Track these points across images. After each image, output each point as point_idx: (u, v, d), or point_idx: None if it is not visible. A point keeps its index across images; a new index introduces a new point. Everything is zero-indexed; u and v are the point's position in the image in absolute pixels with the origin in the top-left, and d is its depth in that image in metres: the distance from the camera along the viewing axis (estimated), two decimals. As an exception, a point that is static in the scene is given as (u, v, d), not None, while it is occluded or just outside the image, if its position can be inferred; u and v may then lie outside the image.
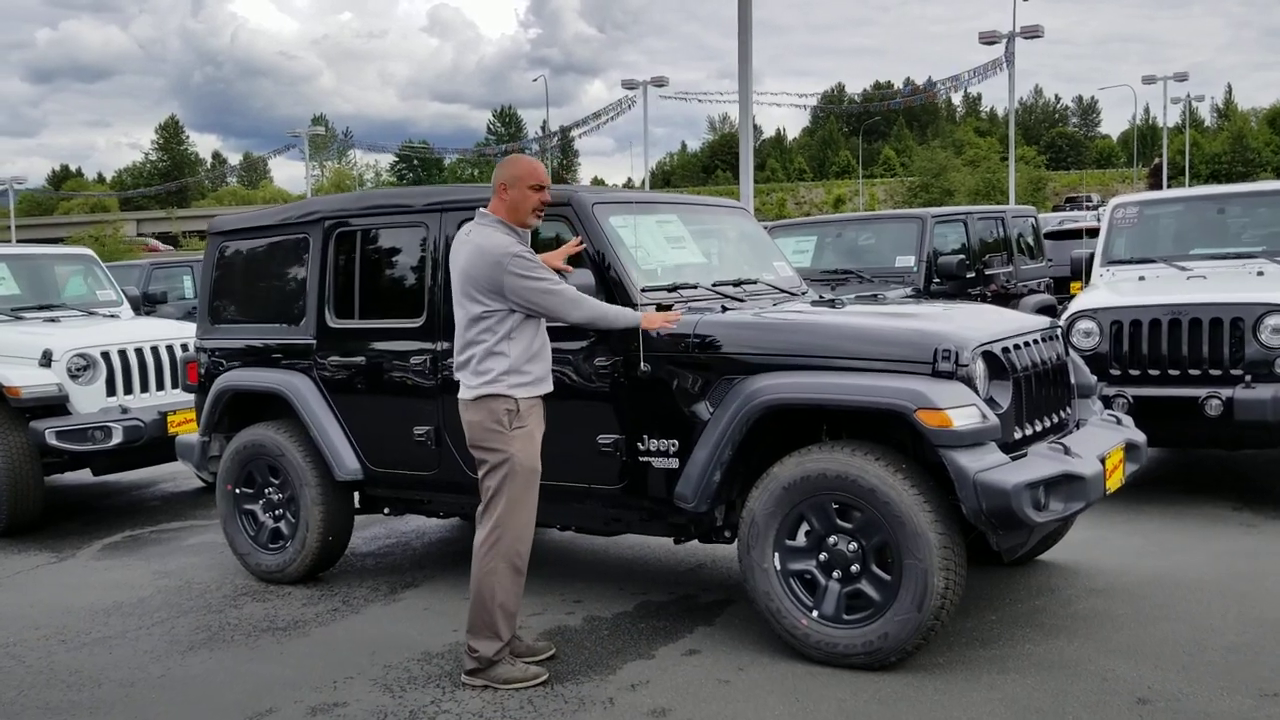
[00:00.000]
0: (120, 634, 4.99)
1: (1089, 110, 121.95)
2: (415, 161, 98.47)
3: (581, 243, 4.67)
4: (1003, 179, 48.32)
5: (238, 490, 5.72)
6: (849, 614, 4.08)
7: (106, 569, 6.18)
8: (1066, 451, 4.16)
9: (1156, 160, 65.02)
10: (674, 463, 4.49)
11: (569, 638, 4.61)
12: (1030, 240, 11.21)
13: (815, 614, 4.13)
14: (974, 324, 4.41)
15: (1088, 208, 40.96)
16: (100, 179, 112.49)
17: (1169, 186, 50.58)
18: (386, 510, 5.65)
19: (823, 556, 4.13)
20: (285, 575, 5.57)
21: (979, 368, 4.10)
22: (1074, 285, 12.52)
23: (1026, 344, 4.45)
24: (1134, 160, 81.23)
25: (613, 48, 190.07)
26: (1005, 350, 4.27)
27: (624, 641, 4.54)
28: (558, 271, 4.44)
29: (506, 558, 4.10)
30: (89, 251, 9.20)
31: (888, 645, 3.98)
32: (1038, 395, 4.43)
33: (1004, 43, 35.92)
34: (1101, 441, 4.49)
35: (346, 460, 5.33)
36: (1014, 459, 4.02)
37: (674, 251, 5.21)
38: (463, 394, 4.16)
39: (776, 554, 4.19)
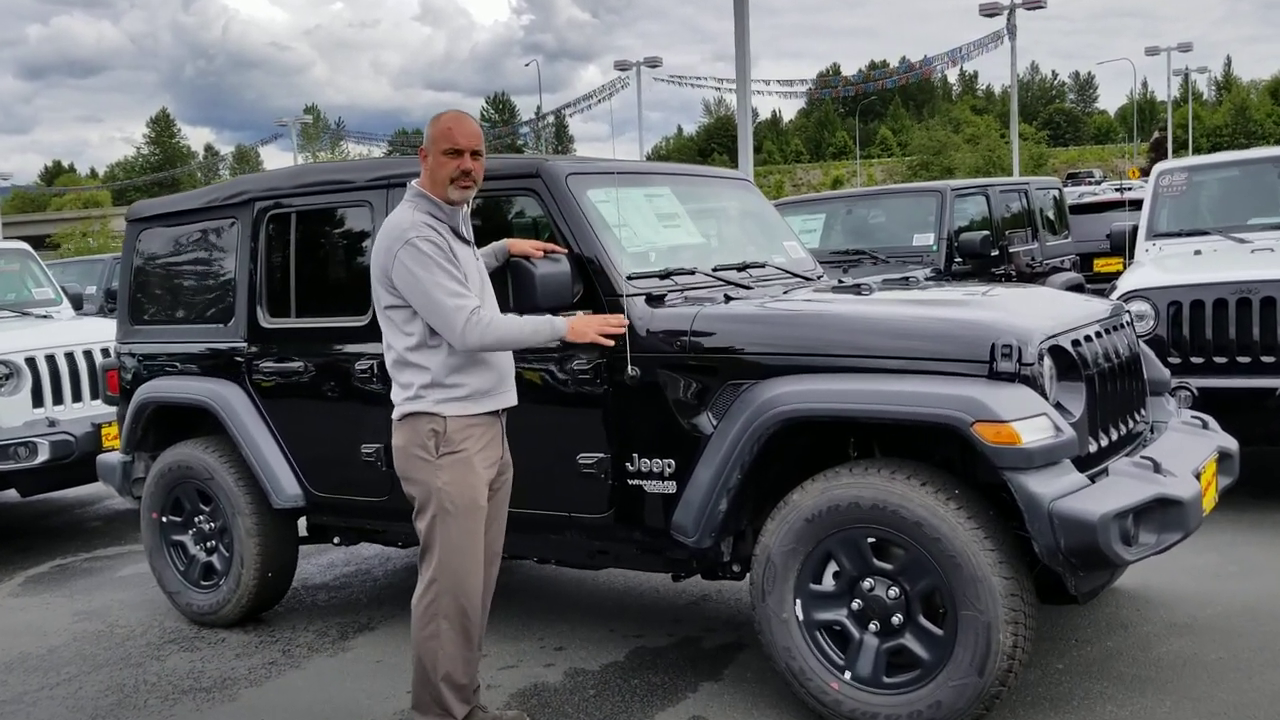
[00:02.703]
0: (17, 697, 4.20)
1: (1086, 86, 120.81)
2: (408, 151, 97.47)
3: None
4: (1003, 156, 47.45)
5: (164, 519, 4.92)
6: (891, 676, 3.28)
7: (23, 608, 5.38)
8: (1156, 468, 3.35)
9: (1156, 134, 64.09)
10: (670, 486, 3.68)
11: (546, 701, 3.81)
12: (1052, 214, 10.38)
13: (848, 675, 3.32)
14: (1032, 311, 3.60)
15: (1088, 183, 40.12)
16: (93, 174, 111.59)
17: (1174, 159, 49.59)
18: (337, 540, 4.84)
19: (856, 604, 3.32)
20: (220, 617, 4.77)
21: (1046, 366, 3.29)
22: (1099, 262, 11.76)
23: (1097, 334, 3.64)
24: (1133, 135, 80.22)
25: (606, 32, 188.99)
26: (1075, 343, 3.46)
27: (614, 705, 3.74)
28: (525, 259, 3.63)
29: (449, 618, 3.29)
30: (25, 246, 8.37)
31: (941, 716, 3.17)
32: (1111, 397, 3.62)
33: (1005, 15, 35.02)
34: (1192, 452, 3.67)
35: (285, 484, 4.52)
36: (1093, 480, 3.22)
37: (666, 231, 4.39)
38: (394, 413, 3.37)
39: (798, 601, 3.39)
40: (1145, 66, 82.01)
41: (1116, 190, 18.29)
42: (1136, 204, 7.56)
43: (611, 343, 3.48)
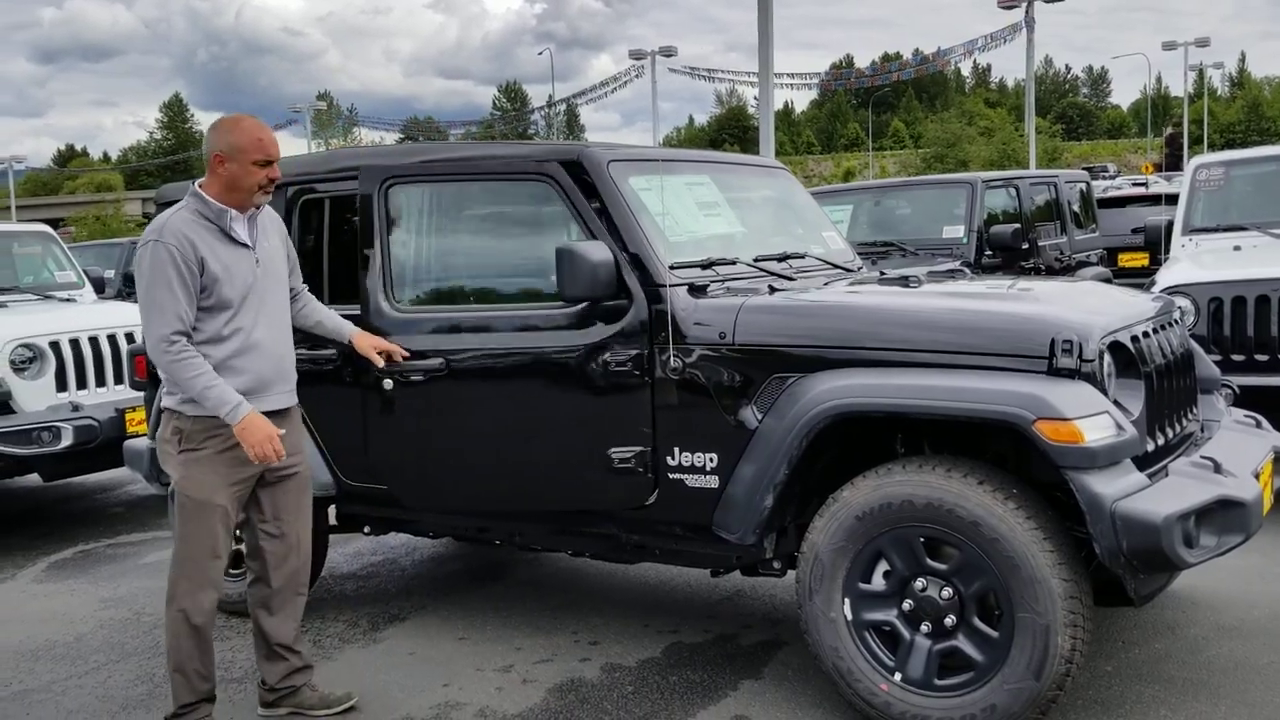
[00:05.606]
0: (46, 686, 4.15)
1: (1099, 80, 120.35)
2: (420, 138, 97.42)
3: (407, 357, 3.90)
4: (1018, 149, 47.19)
5: (192, 506, 4.85)
6: (943, 678, 3.20)
7: (47, 595, 5.34)
8: (1217, 468, 3.27)
9: (1170, 130, 63.67)
10: (712, 481, 3.61)
11: (585, 696, 3.74)
12: (1079, 208, 10.27)
13: (898, 677, 3.25)
14: (1089, 306, 3.52)
15: (1104, 177, 39.90)
16: (106, 158, 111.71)
17: (1188, 155, 49.32)
18: (367, 529, 4.77)
19: (907, 605, 3.25)
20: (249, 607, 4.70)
21: (1106, 363, 3.21)
22: (1123, 256, 11.65)
23: (1154, 330, 3.56)
24: (1146, 130, 79.84)
25: (619, 21, 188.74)
26: (1134, 339, 3.38)
27: (654, 702, 3.68)
28: (573, 245, 3.57)
29: (184, 606, 3.41)
30: (47, 229, 8.32)
31: (994, 720, 3.11)
32: (1167, 395, 3.54)
33: (1024, 7, 34.86)
34: (1250, 452, 3.59)
35: (315, 473, 4.43)
36: (1152, 480, 3.14)
37: (707, 220, 4.32)
38: None
39: (847, 600, 3.31)
40: (1159, 61, 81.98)
41: (1134, 185, 18.16)
42: (1161, 199, 7.45)
43: (259, 463, 3.34)
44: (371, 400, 4.16)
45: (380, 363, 3.89)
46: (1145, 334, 3.46)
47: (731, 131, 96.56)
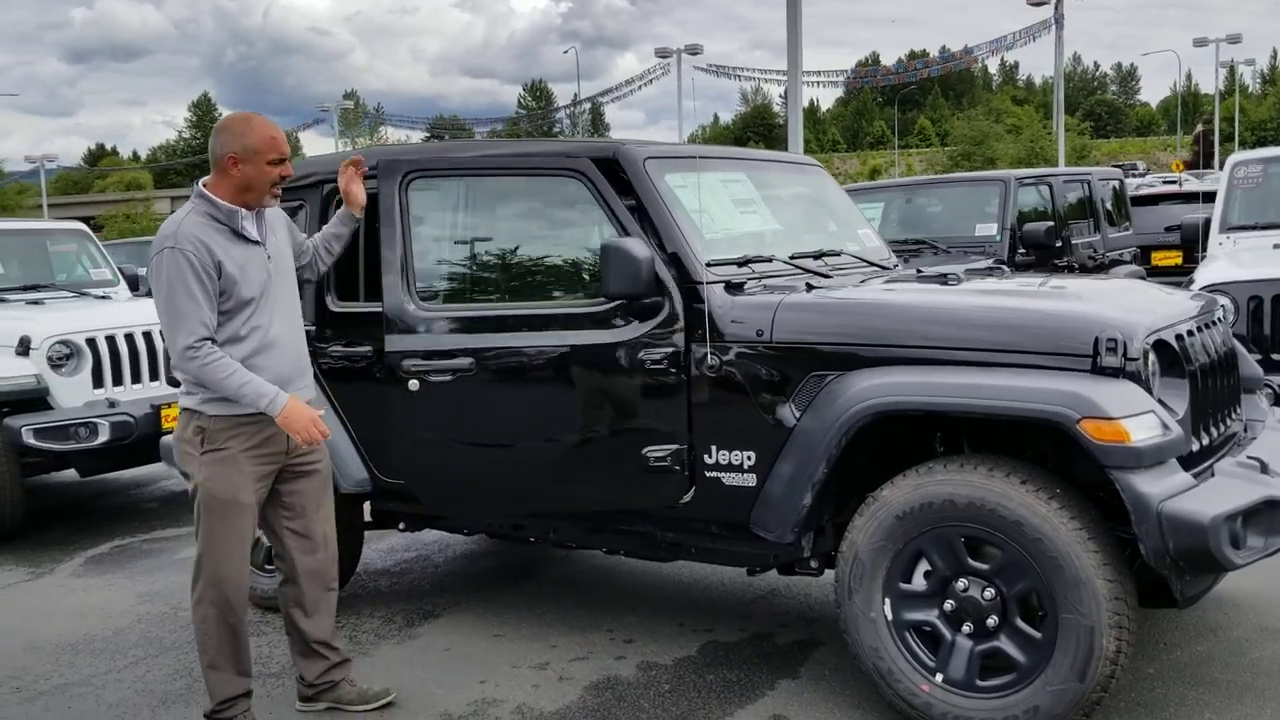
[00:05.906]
0: (85, 680, 4.18)
1: (1128, 77, 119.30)
2: (446, 136, 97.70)
3: (361, 161, 3.85)
4: (1046, 147, 46.88)
5: (229, 502, 4.88)
6: (985, 679, 3.18)
7: (85, 589, 5.38)
8: (1263, 469, 3.23)
9: (1200, 127, 63.07)
10: (750, 479, 3.60)
11: (621, 695, 3.74)
12: (1112, 206, 10.18)
13: (939, 678, 3.22)
14: (1132, 304, 3.49)
15: (1134, 175, 39.54)
16: (135, 157, 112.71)
17: (1220, 154, 48.81)
18: (402, 526, 4.79)
19: (948, 605, 3.23)
20: (284, 602, 4.73)
21: (1151, 361, 3.17)
22: (1156, 255, 11.55)
23: (1197, 328, 3.52)
24: (1176, 128, 79.12)
25: (644, 20, 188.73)
26: (1178, 338, 3.34)
27: (690, 701, 3.67)
28: (618, 240, 3.57)
29: (214, 603, 3.43)
30: (82, 227, 8.39)
31: (1036, 722, 3.08)
32: (1211, 394, 3.50)
33: (1053, 4, 34.58)
34: (1297, 453, 3.54)
35: (353, 469, 4.47)
36: (1199, 480, 3.11)
37: (743, 217, 4.30)
38: None
39: (887, 600, 3.29)
40: (1190, 58, 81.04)
41: (1165, 183, 17.99)
42: (1196, 196, 7.38)
43: (306, 445, 3.40)
44: (402, 399, 4.15)
45: (346, 171, 3.81)
46: (1189, 332, 3.43)
47: (756, 129, 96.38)
